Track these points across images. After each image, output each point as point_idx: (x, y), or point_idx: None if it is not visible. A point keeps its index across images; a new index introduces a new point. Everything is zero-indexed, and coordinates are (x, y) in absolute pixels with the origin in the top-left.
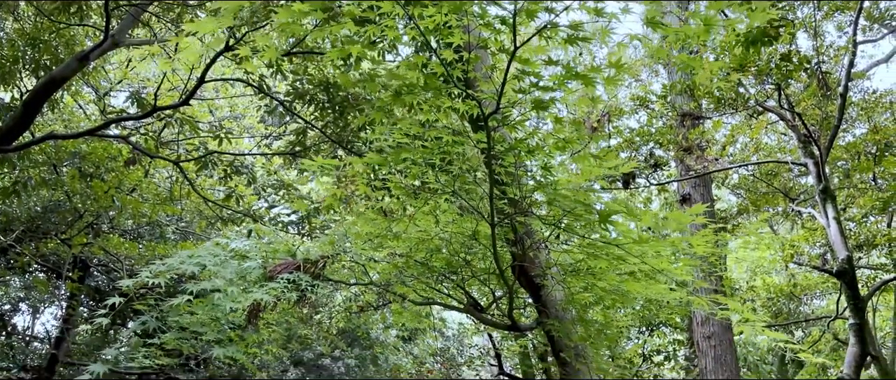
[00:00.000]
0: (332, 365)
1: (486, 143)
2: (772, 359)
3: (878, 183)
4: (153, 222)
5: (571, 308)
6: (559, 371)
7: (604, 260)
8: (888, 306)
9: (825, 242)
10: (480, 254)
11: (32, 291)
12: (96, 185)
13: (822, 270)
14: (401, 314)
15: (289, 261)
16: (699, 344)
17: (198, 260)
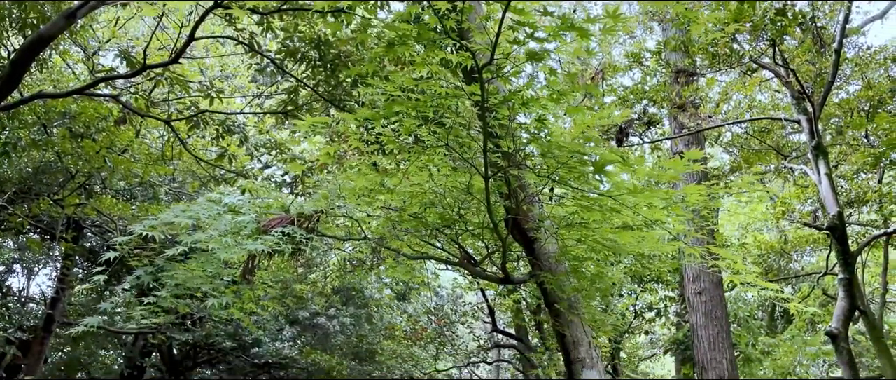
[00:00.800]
0: (328, 323)
1: (480, 95)
2: (761, 314)
3: (870, 140)
4: (145, 183)
5: (565, 260)
6: (552, 323)
7: (597, 212)
8: (877, 262)
9: (816, 199)
10: (474, 208)
11: (27, 252)
12: (87, 145)
13: (813, 227)
14: (395, 269)
15: (283, 216)
16: (690, 300)
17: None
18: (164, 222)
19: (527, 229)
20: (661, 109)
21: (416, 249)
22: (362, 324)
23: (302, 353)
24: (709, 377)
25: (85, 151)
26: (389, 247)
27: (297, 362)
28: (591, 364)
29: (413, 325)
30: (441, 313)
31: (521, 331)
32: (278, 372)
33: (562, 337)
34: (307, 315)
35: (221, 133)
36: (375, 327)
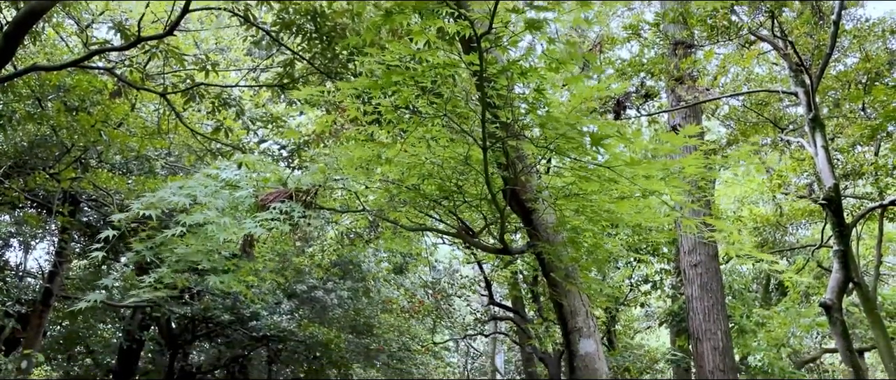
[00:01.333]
0: (326, 297)
1: (479, 65)
2: (756, 287)
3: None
4: (142, 157)
5: (562, 231)
6: (549, 292)
7: (595, 183)
8: (872, 235)
9: (812, 172)
10: (472, 179)
11: (23, 226)
12: (82, 118)
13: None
14: (392, 240)
15: (280, 189)
16: (686, 272)
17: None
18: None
19: (525, 200)
20: (658, 82)
21: (414, 221)
22: (360, 297)
23: (300, 326)
24: (703, 348)
25: (80, 124)
26: (387, 218)
27: (295, 334)
28: (587, 333)
29: (410, 299)
30: (438, 287)
31: (517, 304)
32: (276, 345)
33: (559, 307)
34: (305, 289)
35: (217, 106)
36: (373, 300)
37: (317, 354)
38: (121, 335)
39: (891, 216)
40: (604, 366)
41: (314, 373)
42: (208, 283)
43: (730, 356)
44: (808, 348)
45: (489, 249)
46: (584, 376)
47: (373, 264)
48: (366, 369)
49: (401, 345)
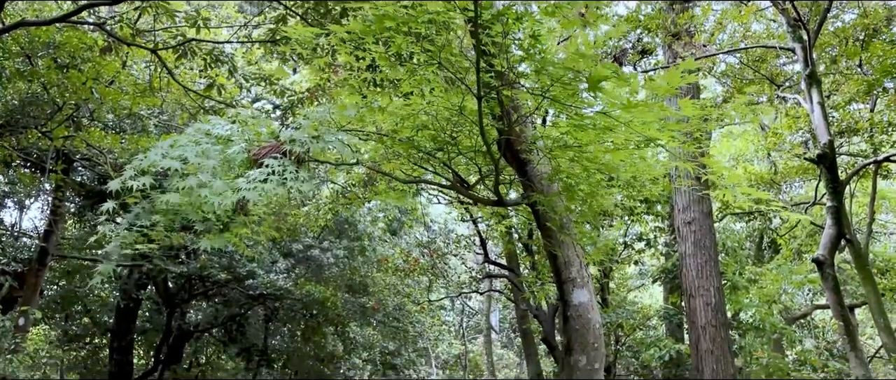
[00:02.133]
0: (321, 256)
1: (473, 10)
2: (749, 245)
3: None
4: (134, 115)
5: (557, 181)
6: (544, 244)
7: (591, 131)
8: (865, 193)
9: (808, 130)
10: (467, 130)
11: (17, 185)
12: (73, 76)
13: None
14: (387, 193)
15: (273, 143)
16: (680, 230)
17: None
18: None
19: (519, 151)
20: (655, 38)
21: (408, 174)
22: (355, 257)
23: (296, 285)
24: (696, 304)
25: (71, 82)
26: (382, 171)
27: (291, 293)
28: (581, 284)
29: (405, 258)
30: (433, 246)
31: (512, 261)
32: (273, 303)
33: (553, 258)
34: (300, 248)
35: (209, 63)
36: (368, 259)
37: (313, 312)
38: (117, 295)
39: (884, 174)
40: (597, 316)
41: (311, 331)
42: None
43: (722, 312)
44: (799, 305)
45: (484, 201)
46: (577, 325)
47: (368, 224)
48: (362, 328)
49: (396, 303)
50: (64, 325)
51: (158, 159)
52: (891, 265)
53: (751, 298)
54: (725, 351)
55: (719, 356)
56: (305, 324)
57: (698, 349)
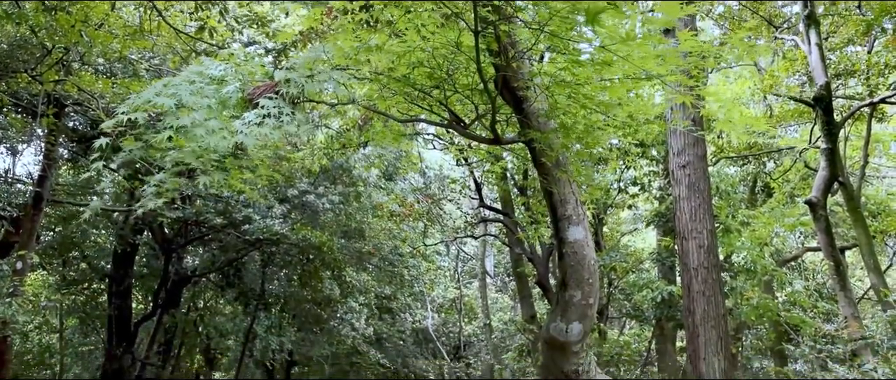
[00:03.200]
0: (317, 201)
1: None
2: (743, 189)
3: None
4: (124, 59)
5: (554, 117)
6: (540, 182)
7: (588, 68)
8: (859, 136)
9: (805, 73)
10: (463, 67)
11: (9, 131)
12: (61, 18)
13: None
14: (383, 134)
15: (268, 83)
16: (674, 173)
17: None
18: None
19: (516, 88)
20: None
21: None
22: (350, 202)
23: (292, 229)
24: (689, 247)
25: (59, 24)
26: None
27: (287, 238)
28: (577, 221)
29: (401, 203)
30: (428, 192)
31: (507, 206)
32: (270, 248)
33: (549, 195)
34: (296, 193)
35: (200, 5)
36: (363, 205)
37: (310, 256)
38: (114, 240)
39: (879, 116)
40: (592, 253)
41: (308, 276)
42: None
43: (714, 254)
44: (790, 248)
45: (481, 140)
46: (572, 262)
47: (363, 170)
48: (358, 273)
49: (392, 248)
50: (62, 270)
51: (152, 98)
52: (882, 208)
53: (743, 240)
54: (717, 292)
55: (711, 297)
56: (302, 269)
57: (690, 290)
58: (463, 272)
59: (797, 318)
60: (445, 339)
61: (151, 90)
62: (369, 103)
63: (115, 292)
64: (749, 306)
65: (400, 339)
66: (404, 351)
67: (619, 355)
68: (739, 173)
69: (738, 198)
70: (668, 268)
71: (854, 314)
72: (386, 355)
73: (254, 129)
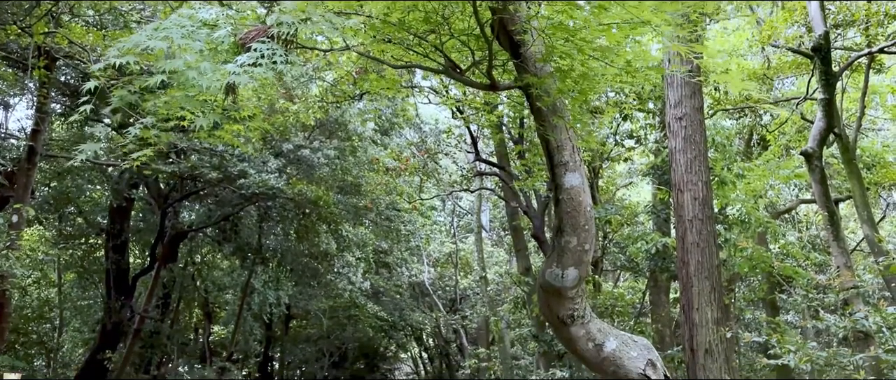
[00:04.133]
0: (312, 156)
1: None
2: (738, 142)
3: None
4: (115, 11)
5: (550, 62)
6: (536, 128)
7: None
8: (856, 88)
9: (804, 22)
10: (459, 11)
11: (1, 85)
12: None
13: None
14: (378, 81)
15: (260, 27)
16: (670, 125)
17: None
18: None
19: (513, 32)
20: None
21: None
22: (346, 157)
23: (288, 184)
24: (684, 199)
25: None
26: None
27: (283, 192)
28: (573, 167)
29: (396, 157)
30: (424, 146)
31: (502, 160)
32: (266, 202)
33: (546, 142)
34: (291, 147)
35: None
36: (359, 160)
37: (306, 211)
38: (109, 195)
39: (877, 68)
40: (588, 199)
41: (304, 230)
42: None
43: (709, 206)
44: (784, 200)
45: (477, 85)
46: (568, 208)
47: (358, 125)
48: (355, 227)
49: (389, 203)
50: (58, 226)
51: (143, 41)
52: (877, 160)
53: (738, 193)
54: (711, 244)
55: (705, 248)
56: (299, 223)
57: (684, 242)
58: (459, 227)
59: (790, 269)
60: (442, 292)
61: (142, 33)
62: (364, 50)
63: (111, 247)
64: (742, 258)
65: (397, 293)
66: (401, 305)
67: (613, 307)
68: (736, 126)
69: (734, 151)
70: (662, 220)
71: (846, 264)
72: (383, 309)
73: (247, 69)
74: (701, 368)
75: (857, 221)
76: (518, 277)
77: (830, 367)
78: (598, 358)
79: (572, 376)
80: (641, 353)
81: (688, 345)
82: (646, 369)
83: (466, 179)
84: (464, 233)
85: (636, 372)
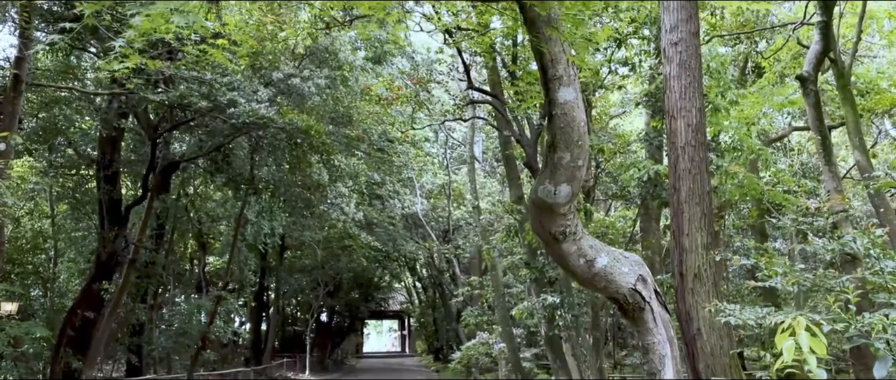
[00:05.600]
0: (303, 85)
1: None
2: (733, 70)
3: None
4: None
5: None
6: (530, 41)
7: None
8: (854, 13)
9: None
10: None
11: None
12: None
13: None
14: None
15: None
16: (665, 51)
17: None
18: None
19: None
20: None
21: None
22: (337, 86)
23: (279, 113)
24: (677, 125)
25: None
26: None
27: (274, 122)
28: (567, 82)
29: (388, 86)
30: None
31: (496, 89)
32: (257, 132)
33: (540, 55)
34: (281, 76)
35: None
36: (351, 90)
37: (297, 141)
38: (97, 124)
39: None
40: (582, 114)
41: (297, 161)
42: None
43: (702, 132)
44: (777, 128)
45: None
46: (562, 123)
47: (349, 53)
48: (347, 158)
49: (381, 133)
50: (48, 157)
51: None
52: (871, 87)
53: (731, 120)
54: (703, 171)
55: (696, 175)
56: (290, 154)
57: (676, 169)
58: (452, 159)
59: (779, 196)
60: (435, 223)
61: None
62: None
63: (103, 177)
64: (733, 185)
65: (390, 224)
66: (394, 235)
67: (604, 235)
68: (731, 53)
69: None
70: (655, 148)
71: (837, 188)
72: (377, 239)
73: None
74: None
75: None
76: (510, 205)
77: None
78: (589, 274)
79: (563, 300)
80: (632, 269)
81: (677, 270)
82: (636, 285)
83: (459, 108)
84: (457, 164)
85: (627, 287)
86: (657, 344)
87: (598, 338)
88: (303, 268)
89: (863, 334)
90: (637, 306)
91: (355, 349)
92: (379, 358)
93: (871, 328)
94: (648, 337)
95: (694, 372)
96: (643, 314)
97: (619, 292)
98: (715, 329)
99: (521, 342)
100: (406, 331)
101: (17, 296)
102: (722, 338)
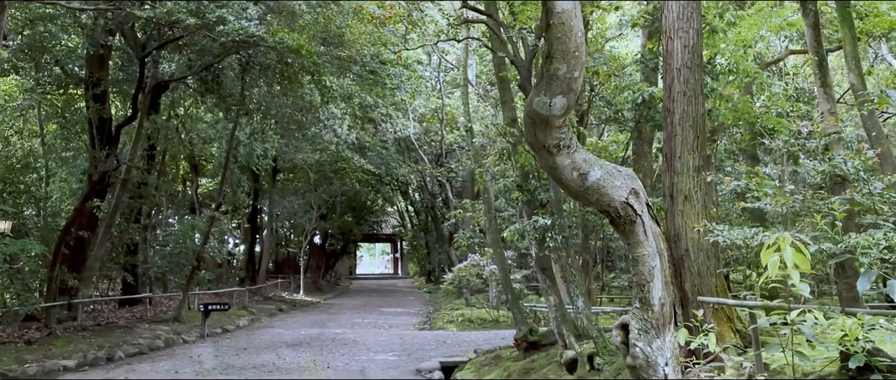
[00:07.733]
0: (293, 3)
1: None
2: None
3: None
4: None
5: None
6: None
7: None
8: None
9: None
10: None
11: None
12: None
13: None
14: None
15: None
16: None
17: None
18: None
19: None
20: None
21: None
22: (329, 5)
23: (269, 32)
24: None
25: None
26: None
27: (264, 40)
28: None
29: (381, 4)
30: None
31: (491, 8)
32: (247, 51)
33: None
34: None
35: None
36: (343, 9)
37: (288, 60)
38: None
39: None
40: (579, 24)
41: (288, 81)
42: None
43: (698, 54)
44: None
45: None
46: (559, 33)
47: None
48: (339, 79)
49: (373, 54)
50: (36, 75)
51: None
52: (870, 9)
53: (728, 42)
54: (698, 93)
55: (691, 98)
56: (281, 74)
57: (671, 91)
58: (445, 83)
59: (773, 119)
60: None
61: None
62: None
63: (91, 96)
64: (727, 108)
65: (383, 147)
66: (387, 159)
67: None
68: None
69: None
70: (650, 70)
71: (831, 110)
72: (369, 162)
73: None
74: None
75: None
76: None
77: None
78: (582, 187)
79: (554, 223)
80: (625, 182)
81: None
82: (629, 198)
83: (453, 27)
84: (450, 88)
85: (619, 200)
86: (647, 256)
87: (588, 260)
88: (296, 190)
89: (848, 250)
90: (629, 218)
91: (349, 271)
92: (372, 280)
93: (856, 246)
94: (639, 249)
95: (681, 292)
96: (634, 227)
97: (611, 204)
98: (703, 250)
99: (512, 264)
100: (398, 254)
101: (11, 215)
102: (709, 258)
